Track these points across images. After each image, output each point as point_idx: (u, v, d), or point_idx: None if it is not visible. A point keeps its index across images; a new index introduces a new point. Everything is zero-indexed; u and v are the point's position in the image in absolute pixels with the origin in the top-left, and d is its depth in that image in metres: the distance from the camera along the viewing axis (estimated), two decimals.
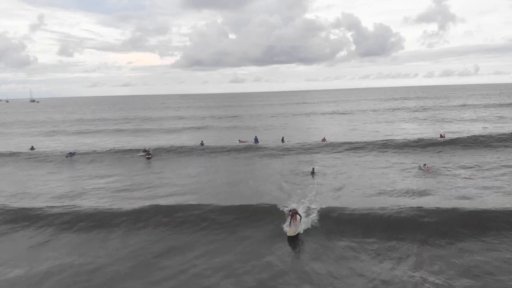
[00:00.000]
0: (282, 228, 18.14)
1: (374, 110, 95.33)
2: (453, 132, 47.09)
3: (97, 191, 27.02)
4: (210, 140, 49.06)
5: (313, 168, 31.66)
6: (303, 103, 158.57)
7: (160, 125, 76.40)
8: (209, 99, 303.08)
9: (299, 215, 18.65)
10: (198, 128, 69.10)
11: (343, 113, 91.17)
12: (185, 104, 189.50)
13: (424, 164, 31.84)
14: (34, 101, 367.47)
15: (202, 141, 45.66)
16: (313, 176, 29.77)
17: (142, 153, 41.17)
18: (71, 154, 42.14)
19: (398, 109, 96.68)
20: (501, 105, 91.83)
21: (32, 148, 48.64)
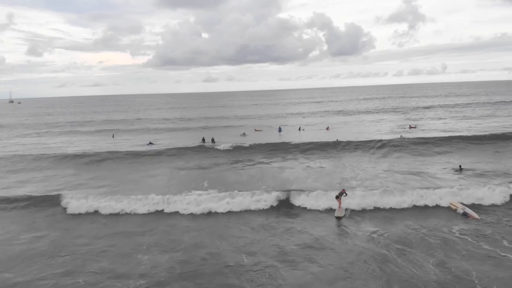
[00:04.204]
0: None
1: (362, 109, 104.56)
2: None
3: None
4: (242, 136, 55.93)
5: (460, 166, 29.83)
6: (297, 103, 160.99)
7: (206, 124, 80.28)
8: (201, 98, 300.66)
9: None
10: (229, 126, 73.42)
11: (331, 111, 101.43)
12: (185, 104, 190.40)
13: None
14: (12, 102, 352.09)
15: (244, 132, 58.01)
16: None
17: (208, 142, 46.61)
18: (151, 143, 48.04)
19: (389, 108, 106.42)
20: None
21: (113, 136, 60.47)
